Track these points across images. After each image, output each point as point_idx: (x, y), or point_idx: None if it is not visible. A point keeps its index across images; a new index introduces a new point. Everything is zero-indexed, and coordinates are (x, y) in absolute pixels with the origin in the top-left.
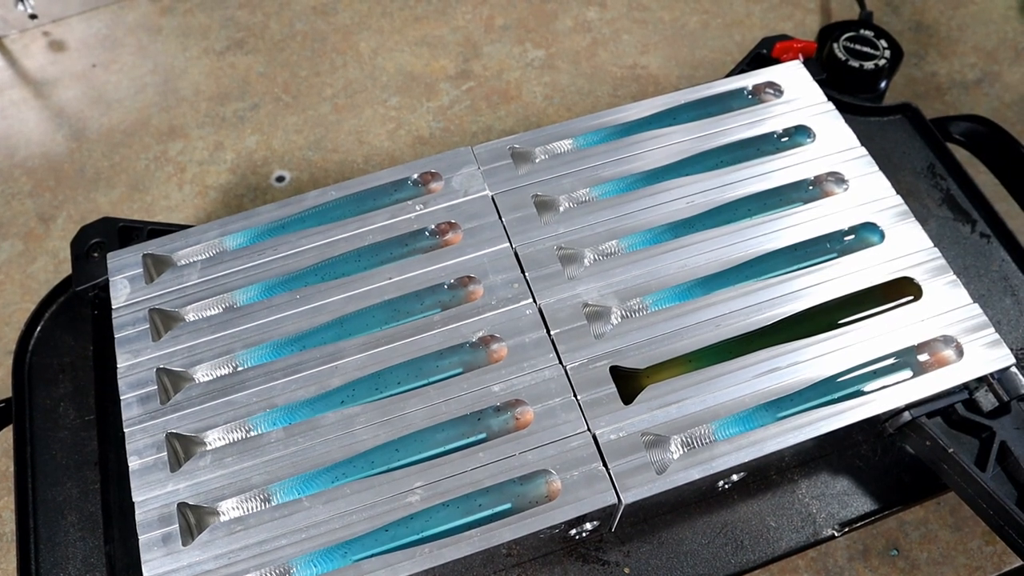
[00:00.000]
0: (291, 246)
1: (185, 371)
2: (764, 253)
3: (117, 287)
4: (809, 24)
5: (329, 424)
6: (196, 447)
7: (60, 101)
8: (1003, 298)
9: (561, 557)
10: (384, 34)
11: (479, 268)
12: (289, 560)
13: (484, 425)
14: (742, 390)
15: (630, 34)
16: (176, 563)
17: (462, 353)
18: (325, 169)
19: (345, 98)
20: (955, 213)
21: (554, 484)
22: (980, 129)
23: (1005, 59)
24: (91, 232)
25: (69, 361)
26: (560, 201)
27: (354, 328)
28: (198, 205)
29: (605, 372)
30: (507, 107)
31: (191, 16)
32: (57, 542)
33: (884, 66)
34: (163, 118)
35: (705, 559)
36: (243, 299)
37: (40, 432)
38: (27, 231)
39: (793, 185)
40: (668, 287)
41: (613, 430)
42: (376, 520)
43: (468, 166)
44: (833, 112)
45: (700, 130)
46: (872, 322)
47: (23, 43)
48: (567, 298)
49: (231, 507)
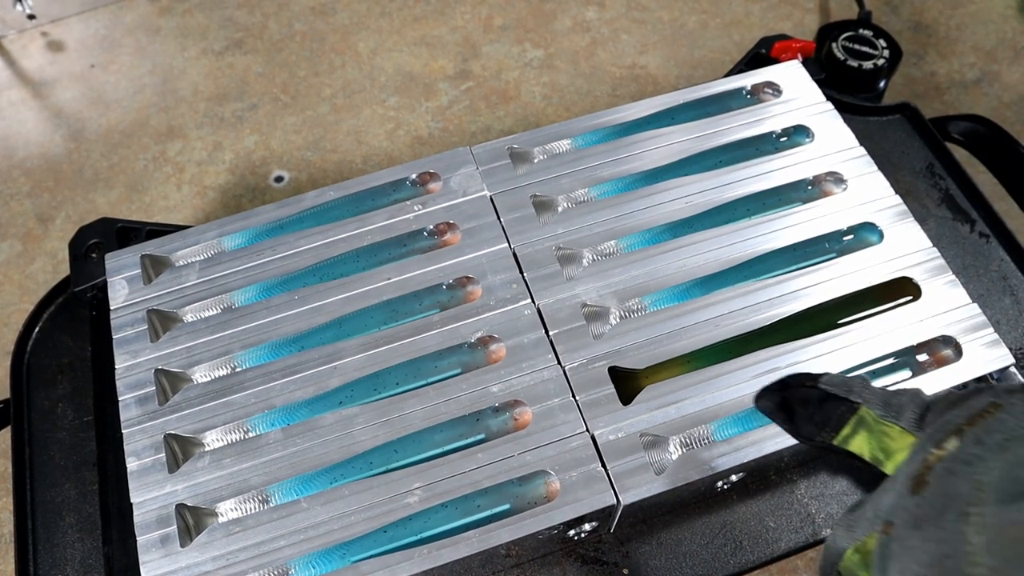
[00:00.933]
0: (290, 247)
1: (183, 372)
2: (763, 253)
3: (115, 288)
4: (808, 24)
5: (328, 425)
6: (194, 448)
7: (59, 102)
8: (1002, 298)
9: (560, 558)
10: (383, 34)
11: (478, 268)
12: (288, 561)
13: (483, 426)
14: (741, 390)
15: (629, 34)
16: (174, 564)
17: (461, 353)
18: (324, 169)
19: (344, 98)
20: (954, 213)
21: (553, 485)
22: (979, 129)
23: (1004, 59)
24: (89, 233)
25: (67, 362)
26: (559, 201)
27: (353, 329)
28: (197, 205)
29: (604, 372)
30: (506, 107)
31: (189, 16)
32: (55, 543)
33: (883, 66)
34: (162, 118)
35: (704, 559)
36: (242, 300)
37: (39, 433)
38: (26, 232)
39: (792, 185)
40: (667, 287)
41: (612, 431)
42: (375, 521)
43: (467, 166)
44: (832, 112)
45: (699, 130)
46: (871, 322)
47: (21, 43)
48: (566, 298)
49: (230, 508)
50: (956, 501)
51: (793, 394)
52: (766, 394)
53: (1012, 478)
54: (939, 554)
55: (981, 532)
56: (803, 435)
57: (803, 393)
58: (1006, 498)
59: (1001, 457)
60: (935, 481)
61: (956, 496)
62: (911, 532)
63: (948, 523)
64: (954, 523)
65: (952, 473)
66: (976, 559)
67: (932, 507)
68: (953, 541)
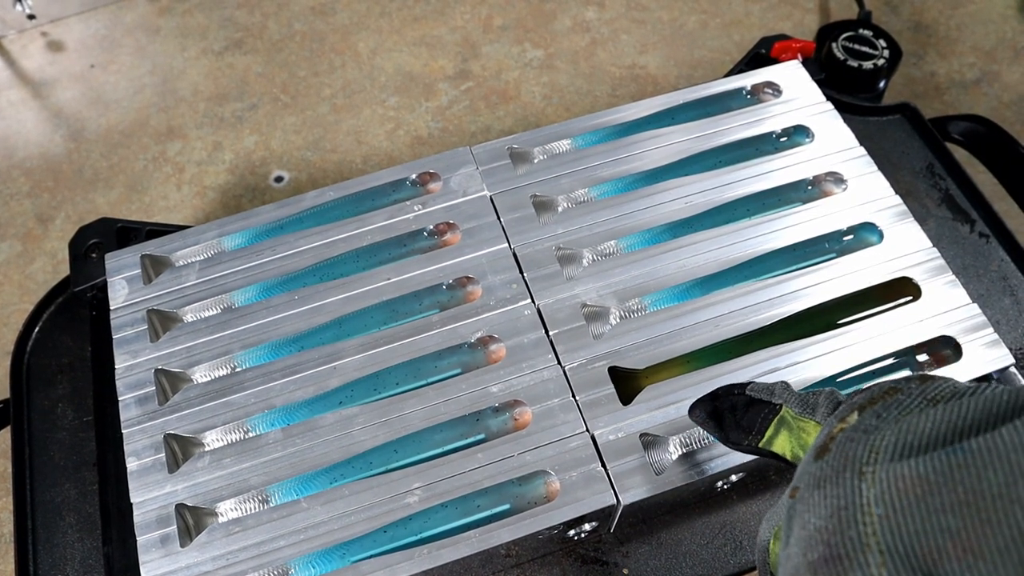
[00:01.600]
0: (289, 247)
1: (183, 372)
2: (763, 253)
3: (115, 288)
4: (808, 24)
5: (328, 425)
6: (194, 448)
7: (58, 102)
8: (1002, 298)
9: (560, 558)
10: (383, 34)
11: (478, 268)
12: (288, 561)
13: (483, 426)
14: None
15: (629, 34)
16: (174, 564)
17: (461, 354)
18: (324, 169)
19: (344, 98)
20: (954, 213)
21: (553, 485)
22: (979, 129)
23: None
24: (89, 233)
25: (67, 362)
26: (559, 201)
27: (353, 329)
28: (196, 205)
29: (604, 372)
30: (506, 107)
31: (189, 16)
32: (55, 543)
33: (883, 66)
34: (161, 118)
35: (704, 560)
36: (241, 300)
37: (38, 433)
38: (25, 232)
39: (792, 185)
40: (667, 287)
41: (612, 431)
42: (375, 521)
43: (467, 166)
44: (832, 112)
45: (699, 130)
46: (871, 322)
47: (21, 43)
48: (566, 298)
49: (229, 508)
50: (854, 462)
51: (722, 403)
52: (698, 405)
53: (903, 442)
54: (836, 507)
55: (873, 485)
56: (732, 441)
57: (731, 400)
58: (896, 456)
59: (896, 427)
60: (836, 448)
61: (854, 458)
62: (813, 492)
63: (845, 480)
64: (851, 480)
65: (852, 440)
66: (868, 508)
67: (832, 468)
68: (849, 495)
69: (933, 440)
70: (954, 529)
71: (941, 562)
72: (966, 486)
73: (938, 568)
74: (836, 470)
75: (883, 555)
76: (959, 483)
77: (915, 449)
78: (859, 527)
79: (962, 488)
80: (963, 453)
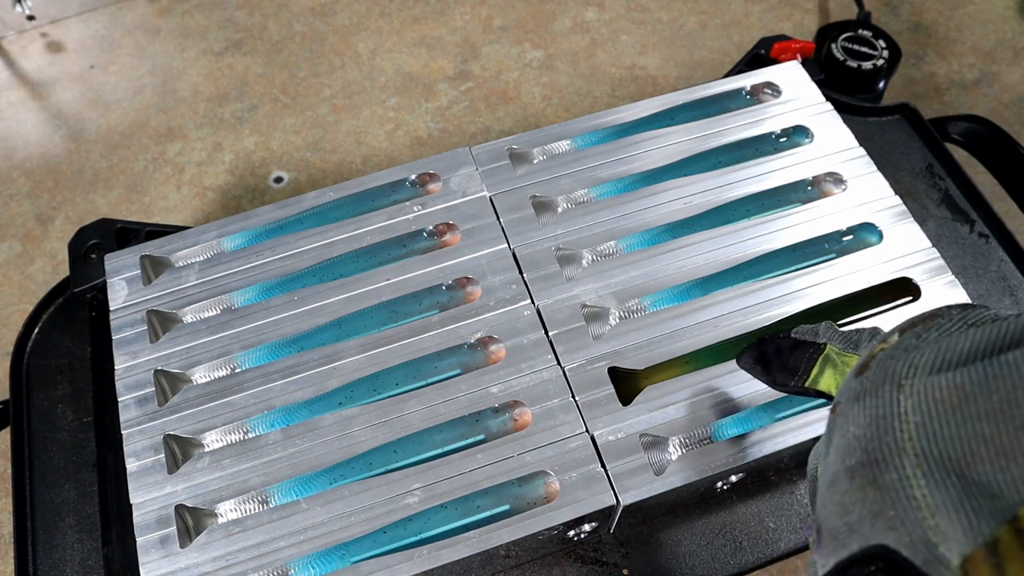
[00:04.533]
0: (289, 247)
1: (183, 373)
2: (762, 254)
3: (115, 288)
4: (807, 24)
5: (327, 425)
6: (194, 449)
7: (58, 102)
8: (1002, 298)
9: (560, 558)
10: (382, 35)
11: (477, 269)
12: (287, 562)
13: (482, 426)
14: (741, 391)
15: (628, 35)
16: (174, 565)
17: (460, 354)
18: (323, 170)
19: (343, 99)
20: (953, 213)
21: (552, 485)
22: (978, 129)
23: (1003, 59)
24: (89, 233)
25: (67, 363)
26: (558, 202)
27: (352, 329)
28: (196, 206)
29: (603, 373)
30: (505, 108)
31: (189, 17)
32: (55, 544)
33: (882, 66)
34: (161, 119)
35: (704, 560)
36: (241, 300)
37: (38, 434)
38: (25, 232)
39: (791, 185)
40: (666, 288)
41: (611, 431)
42: (374, 522)
43: (466, 167)
44: (831, 112)
45: (698, 131)
46: (871, 322)
47: (21, 44)
48: (565, 299)
49: (229, 509)
50: (893, 376)
51: (768, 347)
52: (746, 352)
53: (941, 358)
54: (875, 416)
55: (910, 396)
56: (779, 383)
57: (777, 344)
58: (933, 371)
59: (935, 346)
60: (876, 365)
61: (894, 373)
62: (852, 404)
63: (884, 392)
64: (889, 392)
65: (892, 358)
66: (906, 416)
67: (872, 383)
68: (887, 405)
69: (971, 356)
70: (988, 435)
71: (974, 464)
72: (1001, 395)
73: (971, 470)
74: (875, 384)
75: (918, 458)
76: (994, 392)
77: (953, 364)
78: (896, 433)
79: (997, 396)
80: (999, 364)
